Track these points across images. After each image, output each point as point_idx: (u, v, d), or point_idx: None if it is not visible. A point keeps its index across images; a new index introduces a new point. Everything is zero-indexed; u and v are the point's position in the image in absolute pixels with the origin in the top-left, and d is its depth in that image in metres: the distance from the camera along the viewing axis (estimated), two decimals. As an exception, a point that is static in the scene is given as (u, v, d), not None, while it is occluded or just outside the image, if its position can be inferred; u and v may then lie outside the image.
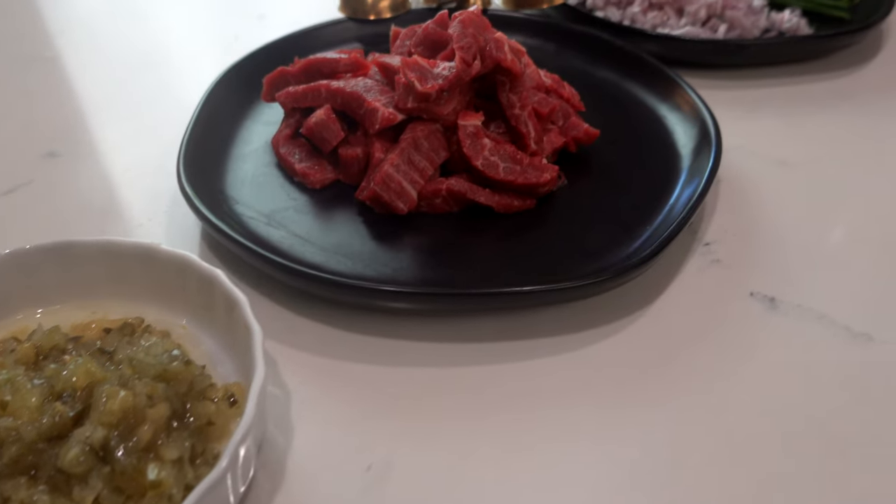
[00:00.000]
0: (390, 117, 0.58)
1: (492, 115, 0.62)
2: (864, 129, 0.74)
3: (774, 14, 0.85)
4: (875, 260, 0.59)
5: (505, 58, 0.59)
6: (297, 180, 0.62)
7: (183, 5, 0.96)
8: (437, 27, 0.62)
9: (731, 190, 0.66)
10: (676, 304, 0.55)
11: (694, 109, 0.67)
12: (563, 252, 0.57)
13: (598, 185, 0.63)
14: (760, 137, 0.72)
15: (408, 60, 0.58)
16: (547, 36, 0.80)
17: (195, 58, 0.84)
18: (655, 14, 0.83)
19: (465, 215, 0.60)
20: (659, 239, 0.55)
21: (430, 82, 0.57)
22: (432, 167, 0.59)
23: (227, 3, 0.96)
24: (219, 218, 0.56)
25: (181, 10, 0.95)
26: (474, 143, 0.58)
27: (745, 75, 0.81)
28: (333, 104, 0.62)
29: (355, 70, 0.65)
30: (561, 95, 0.66)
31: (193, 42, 0.87)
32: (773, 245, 0.60)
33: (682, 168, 0.64)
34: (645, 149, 0.66)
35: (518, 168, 0.59)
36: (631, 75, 0.74)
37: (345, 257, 0.55)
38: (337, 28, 0.80)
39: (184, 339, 0.50)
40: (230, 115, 0.69)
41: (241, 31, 0.90)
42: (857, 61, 0.84)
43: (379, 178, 0.57)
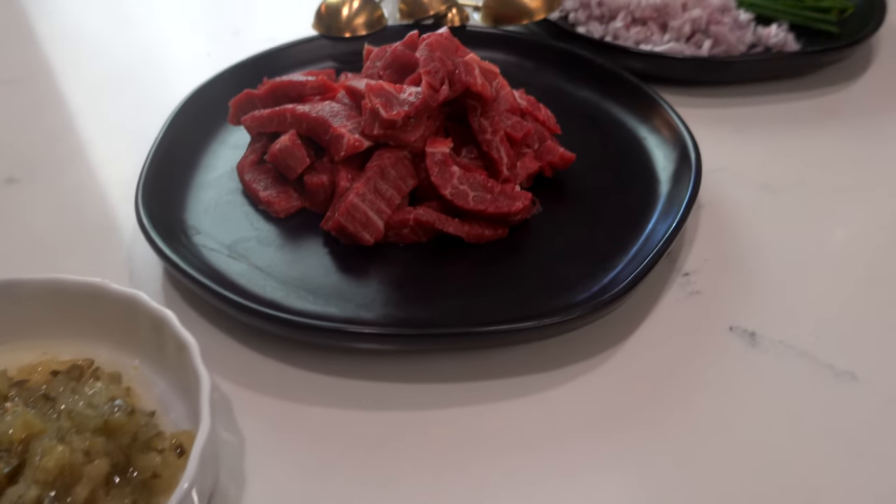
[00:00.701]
0: (356, 144, 0.56)
1: (464, 139, 0.60)
2: (851, 151, 0.71)
3: (761, 29, 0.82)
4: (860, 293, 0.57)
5: (475, 82, 0.57)
6: (262, 208, 0.60)
7: (154, 21, 0.94)
8: (406, 49, 0.60)
9: (713, 216, 0.63)
10: (652, 339, 0.53)
11: (674, 132, 0.65)
12: (535, 285, 0.54)
13: (573, 211, 0.61)
14: (744, 159, 0.70)
15: (373, 86, 0.55)
16: (526, 53, 0.77)
17: (164, 78, 0.81)
18: (638, 29, 0.81)
19: (435, 245, 0.58)
20: (634, 272, 0.53)
21: (395, 109, 0.55)
22: (400, 196, 0.57)
23: (202, 19, 0.94)
24: (175, 251, 0.53)
25: (151, 27, 0.93)
26: (442, 172, 0.56)
27: (731, 92, 0.78)
28: (299, 129, 0.60)
29: (323, 93, 0.63)
30: (536, 118, 0.64)
31: (163, 61, 0.85)
32: (755, 275, 0.58)
33: (662, 194, 0.62)
34: (624, 173, 0.64)
35: (489, 197, 0.56)
36: (611, 94, 0.72)
37: (307, 292, 0.53)
38: (310, 46, 0.77)
39: (135, 382, 0.48)
40: (196, 139, 0.66)
41: (214, 48, 0.87)
42: (846, 77, 0.82)
43: (344, 209, 0.55)
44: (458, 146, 0.60)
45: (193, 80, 0.71)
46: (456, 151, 0.60)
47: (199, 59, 0.85)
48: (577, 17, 0.85)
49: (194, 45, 0.88)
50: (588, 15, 0.85)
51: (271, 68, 0.74)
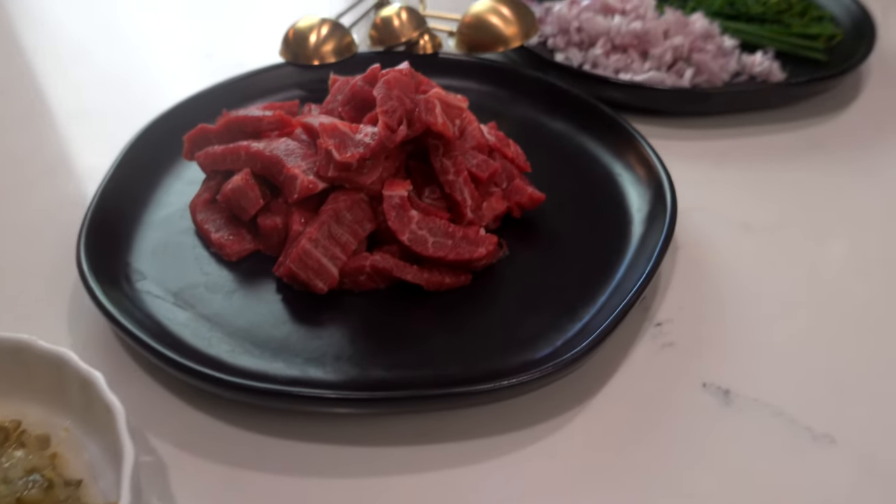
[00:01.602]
0: (310, 186, 0.53)
1: (427, 178, 0.57)
2: (838, 187, 0.68)
3: (746, 57, 0.80)
4: (843, 348, 0.53)
5: (435, 121, 0.54)
6: (214, 251, 0.57)
7: (123, 43, 0.91)
8: (365, 84, 0.57)
9: (689, 259, 0.60)
10: (621, 396, 0.50)
11: (650, 170, 0.62)
12: (498, 337, 0.51)
13: (542, 255, 0.58)
14: (724, 196, 0.67)
15: (327, 126, 0.53)
16: (500, 82, 0.74)
17: (127, 104, 0.78)
18: (618, 57, 0.78)
19: (394, 292, 0.55)
20: (603, 324, 0.50)
21: (350, 150, 0.52)
22: (356, 241, 0.54)
23: (174, 40, 0.91)
24: (114, 300, 0.50)
25: (119, 49, 0.90)
26: (400, 216, 0.53)
27: (713, 123, 0.75)
28: (254, 168, 0.57)
29: (281, 128, 0.60)
30: (505, 155, 0.61)
31: (127, 86, 0.82)
32: (731, 326, 0.55)
33: (635, 236, 0.59)
34: (596, 213, 0.61)
35: (449, 243, 0.53)
36: (587, 127, 0.69)
37: (253, 345, 0.50)
38: (276, 74, 0.74)
39: (64, 446, 0.45)
40: (150, 174, 0.63)
41: (183, 71, 0.85)
42: (834, 107, 0.79)
43: (295, 255, 0.52)
44: (420, 186, 0.58)
45: (159, 106, 0.68)
46: (418, 191, 0.58)
47: (166, 81, 0.82)
48: (555, 43, 0.83)
49: (165, 68, 0.86)
50: (567, 41, 0.82)
51: (235, 98, 0.72)
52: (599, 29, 0.79)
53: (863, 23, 0.84)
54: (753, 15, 0.85)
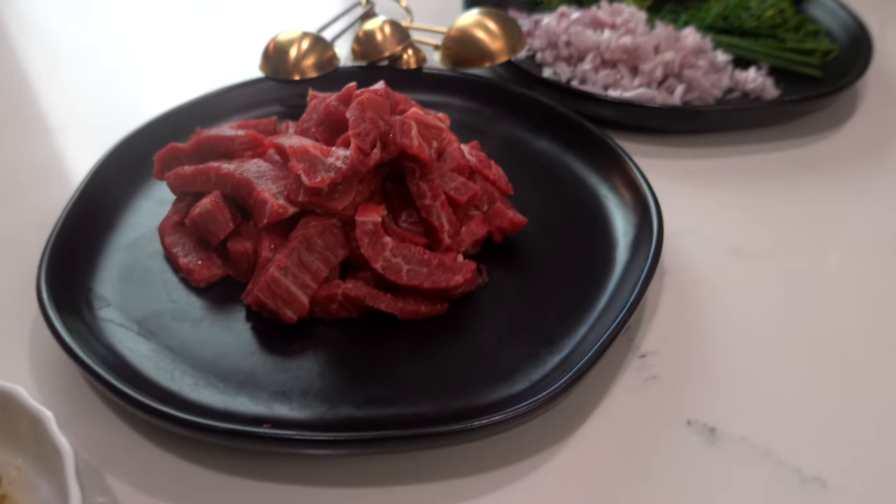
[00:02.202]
0: (280, 211, 0.51)
1: (404, 201, 0.55)
2: (832, 211, 0.66)
3: (738, 73, 0.77)
4: (835, 385, 0.51)
5: (411, 144, 0.52)
6: (183, 276, 0.55)
7: (97, 53, 0.89)
8: (340, 104, 0.55)
9: (676, 285, 0.58)
10: (602, 434, 0.48)
11: (637, 193, 0.60)
12: (474, 371, 0.49)
13: (522, 282, 0.56)
14: (715, 219, 0.64)
15: (297, 149, 0.50)
16: (485, 98, 0.72)
17: (103, 118, 0.76)
18: (608, 73, 0.76)
19: (367, 321, 0.52)
20: (583, 359, 0.47)
21: (320, 175, 0.50)
22: (327, 268, 0.52)
23: (157, 52, 0.89)
24: (74, 330, 0.48)
25: (93, 61, 0.87)
26: (373, 243, 0.51)
27: (703, 141, 0.73)
28: (224, 190, 0.55)
29: (254, 148, 0.58)
30: (486, 177, 0.59)
31: (104, 100, 0.80)
32: (718, 359, 0.53)
33: (620, 262, 0.56)
34: (581, 237, 0.59)
35: (424, 271, 0.51)
36: (572, 146, 0.67)
37: (218, 378, 0.48)
38: (255, 89, 0.72)
39: (16, 486, 0.43)
40: (120, 195, 0.61)
41: (164, 84, 0.82)
42: (829, 125, 0.76)
43: (263, 283, 0.50)
44: (397, 209, 0.55)
45: (132, 123, 0.66)
46: (395, 215, 0.55)
47: (146, 95, 0.80)
48: (544, 58, 0.80)
49: (144, 80, 0.84)
50: (556, 55, 0.80)
51: (212, 113, 0.70)
52: (588, 43, 0.77)
53: (859, 38, 0.82)
54: (747, 29, 0.83)
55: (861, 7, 0.94)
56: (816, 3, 0.90)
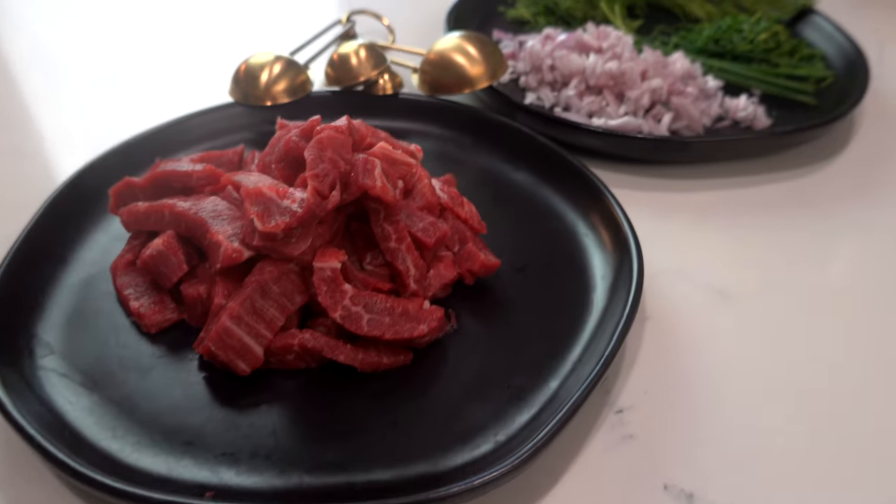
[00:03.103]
0: (234, 255, 0.48)
1: (370, 241, 0.52)
2: (824, 248, 0.63)
3: (729, 100, 0.74)
4: (825, 451, 0.48)
5: (374, 185, 0.48)
6: (133, 320, 0.52)
7: (59, 77, 0.86)
8: (301, 140, 0.52)
9: (658, 332, 0.55)
10: (572, 498, 0.45)
11: (617, 232, 0.57)
12: (438, 431, 0.46)
13: (493, 330, 0.53)
14: (701, 258, 0.61)
15: (250, 190, 0.47)
16: (464, 127, 0.69)
17: (61, 145, 0.73)
18: (592, 99, 0.73)
19: (327, 372, 0.49)
20: (555, 418, 0.44)
21: (274, 219, 0.47)
22: (284, 316, 0.49)
23: (113, 78, 0.86)
24: (9, 382, 0.46)
25: (55, 85, 0.84)
26: (332, 291, 0.48)
27: (691, 172, 0.70)
28: (178, 230, 0.52)
29: (213, 183, 0.55)
30: (458, 216, 0.56)
31: (64, 124, 0.77)
32: (700, 416, 0.49)
33: (597, 308, 0.53)
34: (557, 279, 0.56)
35: (387, 320, 0.48)
36: (552, 179, 0.64)
37: (163, 436, 0.45)
38: (223, 115, 0.69)
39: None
40: (74, 228, 0.58)
41: (104, 120, 0.79)
42: (823, 156, 0.73)
43: (214, 333, 0.47)
44: (362, 250, 0.52)
45: (95, 150, 0.63)
46: (360, 256, 0.52)
47: (106, 126, 0.77)
48: (527, 82, 0.77)
49: (109, 103, 0.81)
50: (539, 80, 0.77)
51: (177, 140, 0.67)
52: (573, 68, 0.74)
53: (856, 63, 0.79)
54: (739, 53, 0.80)
55: (859, 27, 0.91)
56: (812, 25, 0.87)
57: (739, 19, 0.83)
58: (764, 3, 0.89)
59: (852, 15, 0.96)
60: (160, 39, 0.92)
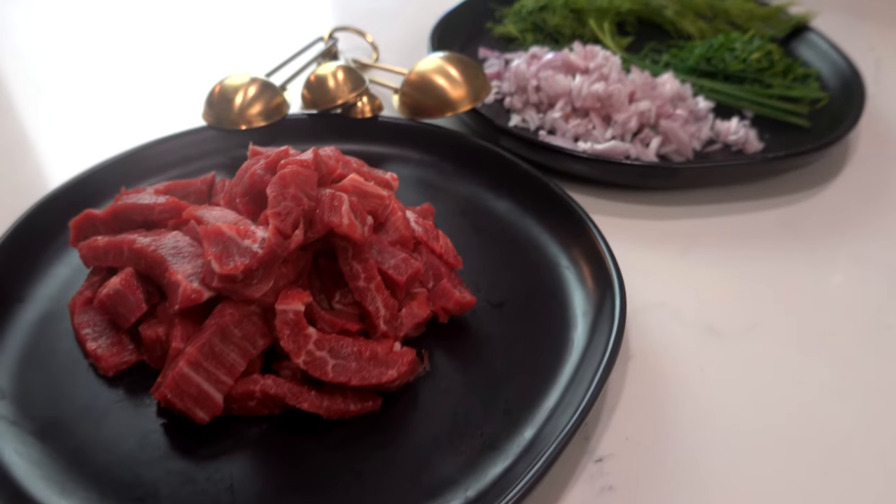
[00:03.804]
0: (193, 296, 0.46)
1: (338, 279, 0.50)
2: (819, 282, 0.60)
3: (720, 123, 0.72)
4: (815, 499, 0.46)
5: (340, 223, 0.46)
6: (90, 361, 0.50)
7: (30, 98, 0.83)
8: (266, 173, 0.49)
9: (643, 372, 0.52)
10: (546, 559, 0.42)
11: (600, 267, 0.54)
12: (406, 484, 0.44)
13: (469, 370, 0.50)
14: (689, 291, 0.59)
15: (209, 230, 0.45)
16: (445, 151, 0.67)
17: (28, 172, 0.71)
18: (579, 122, 0.70)
19: (291, 418, 0.47)
20: (529, 471, 0.42)
21: (233, 260, 0.44)
22: (245, 361, 0.46)
23: (88, 97, 0.84)
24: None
25: (24, 107, 0.82)
26: (295, 335, 0.45)
27: (680, 199, 0.68)
28: (137, 267, 0.50)
29: (176, 217, 0.53)
30: (433, 250, 0.53)
31: (31, 150, 0.75)
32: (684, 465, 0.47)
33: (578, 346, 0.51)
34: (536, 316, 0.54)
35: (353, 366, 0.46)
36: (534, 208, 0.61)
37: (115, 492, 0.43)
38: (195, 139, 0.67)
39: None
40: (34, 261, 0.56)
41: (73, 146, 0.76)
42: (817, 181, 0.71)
43: (171, 381, 0.44)
44: (331, 288, 0.50)
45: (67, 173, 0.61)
46: (329, 294, 0.50)
47: (76, 150, 0.75)
48: (512, 103, 0.75)
49: (80, 126, 0.78)
50: (525, 101, 0.74)
51: (148, 166, 0.65)
52: (559, 89, 0.72)
53: (852, 83, 0.77)
54: (732, 73, 0.78)
55: (856, 44, 0.89)
56: (807, 43, 0.85)
57: (732, 37, 0.81)
58: (757, 21, 0.87)
59: (848, 31, 0.94)
60: (133, 59, 0.90)
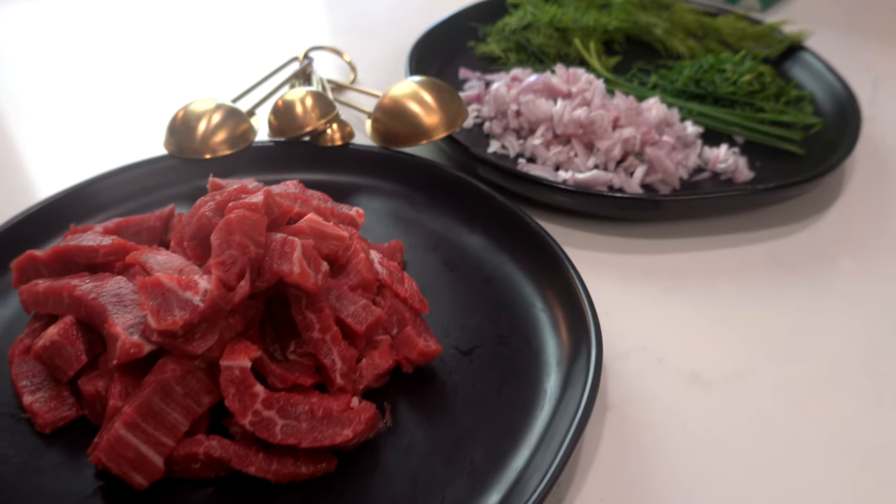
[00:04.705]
0: (132, 351, 0.42)
1: (293, 328, 0.46)
2: (810, 323, 0.57)
3: (708, 150, 0.69)
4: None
5: (290, 272, 0.43)
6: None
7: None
8: (215, 215, 0.46)
9: (621, 424, 0.49)
10: None
11: (576, 310, 0.51)
12: (357, 556, 0.40)
13: (433, 425, 0.47)
14: (672, 334, 0.55)
15: (147, 282, 0.42)
16: (418, 182, 0.64)
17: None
18: (560, 149, 0.67)
19: (238, 481, 0.43)
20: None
21: (171, 315, 0.41)
22: (189, 420, 0.43)
23: (44, 123, 0.80)
24: None
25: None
26: (241, 394, 0.42)
27: (667, 231, 0.64)
28: (78, 315, 0.46)
29: (123, 257, 0.49)
30: (397, 294, 0.50)
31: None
32: (662, 532, 0.44)
33: (551, 398, 0.47)
34: (508, 364, 0.50)
35: (304, 426, 0.42)
36: (509, 245, 0.58)
37: (41, 567, 0.39)
38: (156, 169, 0.64)
39: None
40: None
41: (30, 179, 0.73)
42: (809, 212, 0.67)
43: (106, 444, 0.41)
44: (286, 337, 0.47)
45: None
46: (283, 344, 0.47)
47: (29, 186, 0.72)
48: (492, 129, 0.72)
49: (32, 157, 0.75)
50: (504, 126, 0.71)
51: (103, 199, 0.61)
52: (540, 115, 0.69)
53: (847, 107, 0.73)
54: (721, 96, 0.74)
55: (852, 63, 0.86)
56: (801, 63, 0.82)
57: (722, 58, 0.77)
58: (750, 40, 0.84)
59: (844, 50, 0.91)
60: (95, 81, 0.86)
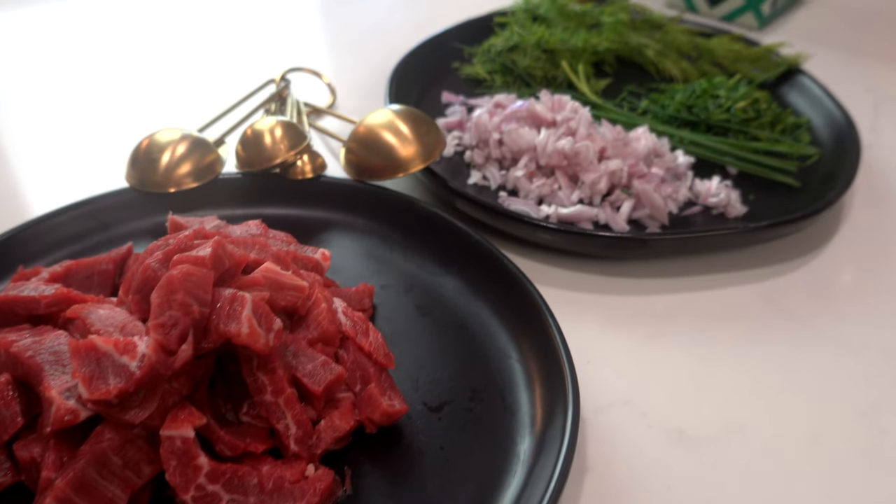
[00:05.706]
0: (67, 418, 0.39)
1: (245, 387, 0.43)
2: (804, 372, 0.53)
3: (699, 183, 0.65)
4: None
5: (238, 332, 0.40)
6: (-40, 482, 0.43)
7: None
8: (160, 268, 0.43)
9: (601, 487, 0.46)
10: None
11: (554, 363, 0.48)
12: None
13: (398, 493, 0.44)
14: (658, 385, 0.52)
15: (79, 346, 0.38)
16: (392, 218, 0.60)
17: None
18: (543, 182, 0.64)
19: (184, 558, 0.40)
20: None
21: (105, 383, 0.38)
22: (127, 494, 0.40)
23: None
24: None
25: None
26: (183, 467, 0.39)
27: (655, 270, 0.61)
28: (15, 374, 0.43)
29: (67, 307, 0.46)
30: (361, 348, 0.47)
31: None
32: None
33: (525, 461, 0.44)
34: (480, 422, 0.47)
35: (252, 501, 0.39)
36: (484, 288, 0.55)
37: None
38: (113, 203, 0.60)
39: None
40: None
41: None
42: (805, 250, 0.64)
43: (34, 522, 0.38)
44: (240, 397, 0.44)
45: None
46: (236, 404, 0.44)
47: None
48: (473, 158, 0.69)
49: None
50: (486, 156, 0.68)
51: (58, 237, 0.58)
52: (523, 144, 0.65)
53: (846, 136, 0.70)
54: (714, 123, 0.71)
55: (852, 85, 0.83)
56: (798, 87, 0.78)
57: (715, 83, 0.74)
58: (745, 63, 0.80)
59: (844, 71, 0.88)
60: (49, 108, 0.83)
